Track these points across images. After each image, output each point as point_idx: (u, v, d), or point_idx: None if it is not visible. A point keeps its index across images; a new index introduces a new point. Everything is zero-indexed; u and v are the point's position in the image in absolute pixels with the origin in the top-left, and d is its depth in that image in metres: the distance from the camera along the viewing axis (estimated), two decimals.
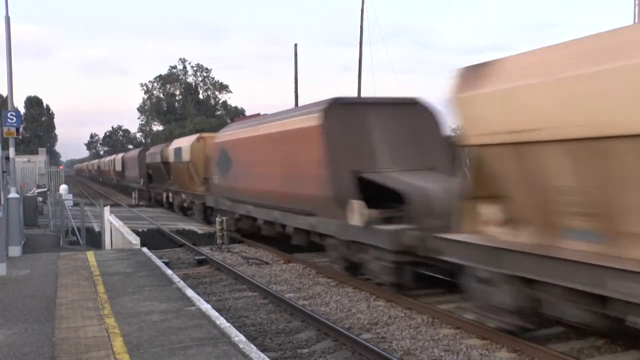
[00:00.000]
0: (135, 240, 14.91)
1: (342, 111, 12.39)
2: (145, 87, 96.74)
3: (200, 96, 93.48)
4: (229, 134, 19.43)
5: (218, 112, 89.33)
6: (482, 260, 7.96)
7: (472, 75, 7.95)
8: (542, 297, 7.30)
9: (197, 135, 27.05)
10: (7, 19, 14.32)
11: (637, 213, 6.12)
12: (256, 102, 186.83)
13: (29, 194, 25.86)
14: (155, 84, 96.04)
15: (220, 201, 19.86)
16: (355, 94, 31.75)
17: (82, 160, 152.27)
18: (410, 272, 10.52)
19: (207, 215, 24.21)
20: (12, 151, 14.66)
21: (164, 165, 31.09)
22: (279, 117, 15.30)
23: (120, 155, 54.75)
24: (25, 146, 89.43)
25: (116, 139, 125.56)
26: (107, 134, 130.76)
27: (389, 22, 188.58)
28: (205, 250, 17.19)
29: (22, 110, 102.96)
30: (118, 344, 6.61)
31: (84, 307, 8.40)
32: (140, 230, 21.92)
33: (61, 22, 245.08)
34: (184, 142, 27.53)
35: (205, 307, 8.18)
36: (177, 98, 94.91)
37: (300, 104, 37.63)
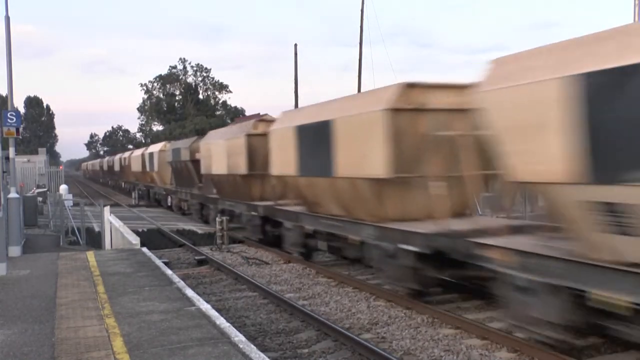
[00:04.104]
0: (135, 240, 14.91)
1: None
2: (145, 87, 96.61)
3: (200, 96, 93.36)
4: None
5: (218, 112, 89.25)
6: None
7: None
8: None
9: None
10: (7, 19, 14.32)
11: None
12: (256, 102, 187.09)
13: (29, 194, 25.86)
14: (155, 84, 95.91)
15: None
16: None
17: (84, 160, 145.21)
18: None
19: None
20: (12, 151, 14.65)
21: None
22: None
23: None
24: (25, 146, 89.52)
25: (116, 139, 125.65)
26: (107, 134, 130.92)
27: (389, 22, 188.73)
28: (205, 250, 17.18)
29: (22, 110, 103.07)
30: (118, 344, 6.61)
31: (84, 307, 8.40)
32: (140, 230, 21.93)
33: (61, 22, 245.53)
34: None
35: (205, 307, 8.18)
36: (177, 98, 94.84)
37: (300, 104, 36.87)
